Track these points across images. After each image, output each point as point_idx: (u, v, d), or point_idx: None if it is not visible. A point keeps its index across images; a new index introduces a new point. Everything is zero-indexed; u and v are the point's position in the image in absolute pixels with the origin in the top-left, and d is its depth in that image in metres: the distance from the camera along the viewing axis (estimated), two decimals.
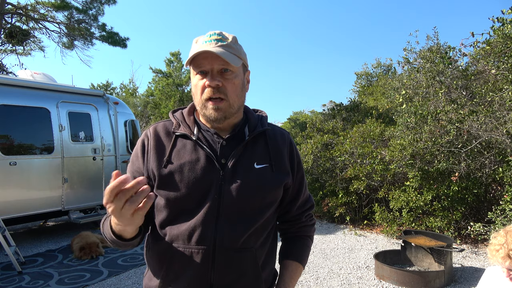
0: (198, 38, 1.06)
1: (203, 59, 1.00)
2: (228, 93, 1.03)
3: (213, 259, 1.01)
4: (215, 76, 1.01)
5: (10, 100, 5.17)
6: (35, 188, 5.37)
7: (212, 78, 1.01)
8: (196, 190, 1.03)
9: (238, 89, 1.06)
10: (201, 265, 1.01)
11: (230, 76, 1.03)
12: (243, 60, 1.07)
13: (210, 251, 1.01)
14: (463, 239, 5.04)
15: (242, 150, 1.08)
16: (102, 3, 12.29)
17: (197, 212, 1.03)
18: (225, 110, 1.04)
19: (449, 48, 5.55)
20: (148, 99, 20.49)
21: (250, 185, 1.05)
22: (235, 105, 1.05)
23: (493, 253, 1.56)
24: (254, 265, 1.06)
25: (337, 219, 6.46)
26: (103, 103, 6.55)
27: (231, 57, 1.01)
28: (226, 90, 1.02)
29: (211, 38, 1.02)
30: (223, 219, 1.02)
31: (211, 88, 1.01)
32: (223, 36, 1.04)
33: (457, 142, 4.77)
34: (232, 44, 1.04)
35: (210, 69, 1.01)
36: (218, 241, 1.01)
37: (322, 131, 7.78)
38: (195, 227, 1.01)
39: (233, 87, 1.04)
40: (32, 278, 4.03)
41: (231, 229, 1.02)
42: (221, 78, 1.02)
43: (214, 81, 1.00)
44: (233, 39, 1.06)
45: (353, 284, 3.82)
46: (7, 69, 12.48)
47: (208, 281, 1.02)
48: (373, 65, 16.62)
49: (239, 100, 1.07)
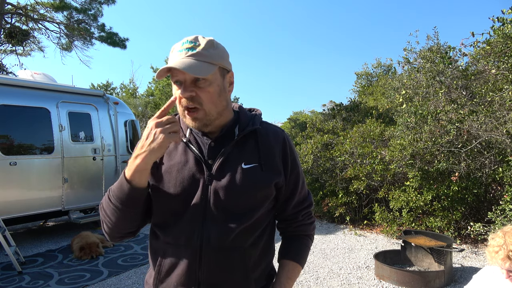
0: (174, 46, 1.05)
1: (174, 70, 1.00)
2: (203, 102, 1.02)
3: (200, 259, 1.03)
4: (187, 87, 1.01)
5: (10, 100, 5.17)
6: (35, 188, 5.37)
7: (185, 89, 1.01)
8: (183, 191, 1.05)
9: (214, 97, 1.04)
10: (189, 264, 1.04)
11: (203, 84, 1.01)
12: (219, 64, 1.04)
13: (198, 251, 1.03)
14: (463, 239, 5.04)
15: (230, 150, 1.09)
16: (101, 3, 12.28)
17: (184, 212, 1.05)
18: (202, 119, 1.04)
19: (449, 48, 5.55)
20: (148, 99, 20.49)
21: (237, 185, 1.05)
22: (212, 112, 1.05)
23: (492, 255, 1.54)
24: (243, 264, 1.07)
25: (337, 219, 6.46)
26: (103, 103, 6.55)
27: (200, 67, 0.99)
28: (200, 99, 1.02)
29: (183, 47, 1.01)
30: (209, 219, 1.04)
31: (185, 99, 1.02)
32: (195, 43, 1.02)
33: (457, 142, 4.77)
34: (204, 51, 1.01)
35: (184, 79, 1.01)
36: (205, 241, 1.03)
37: (322, 131, 7.78)
38: (183, 227, 1.04)
39: (207, 96, 1.02)
40: (32, 278, 4.03)
41: (217, 229, 1.03)
42: (194, 88, 1.01)
43: (186, 92, 1.00)
44: (207, 44, 1.02)
45: (353, 284, 3.82)
46: (7, 69, 12.47)
47: (195, 280, 1.04)
48: (373, 65, 16.62)
49: (216, 107, 1.05)
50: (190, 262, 1.03)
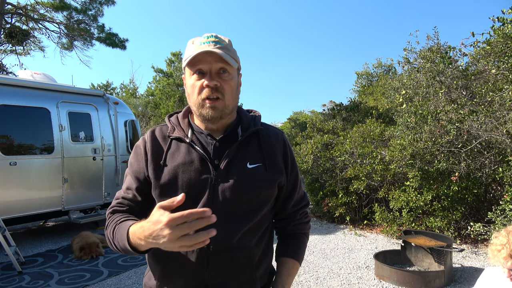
0: (194, 39, 1.08)
1: (202, 59, 1.02)
2: (225, 93, 1.05)
3: (208, 259, 1.03)
4: (213, 76, 1.03)
5: (10, 100, 5.17)
6: (35, 188, 5.37)
7: (211, 78, 1.03)
8: (190, 191, 1.04)
9: (233, 91, 1.08)
10: (196, 265, 1.03)
11: (227, 77, 1.05)
12: (238, 63, 1.10)
13: (205, 251, 1.03)
14: (463, 239, 5.04)
15: (235, 150, 1.10)
16: (101, 4, 12.28)
17: None
18: (221, 109, 1.05)
19: (449, 48, 5.54)
20: (148, 99, 20.48)
21: (243, 185, 1.06)
22: (230, 105, 1.08)
23: (495, 253, 1.55)
24: (249, 263, 1.08)
25: (337, 219, 6.46)
26: (103, 103, 6.55)
27: (230, 58, 1.03)
28: (223, 90, 1.04)
29: (209, 40, 1.04)
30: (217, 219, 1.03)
31: (209, 88, 1.03)
32: (219, 38, 1.06)
33: (457, 142, 4.77)
34: (229, 47, 1.07)
35: (209, 69, 1.03)
36: (212, 241, 1.02)
37: (322, 131, 7.78)
38: None
39: (229, 88, 1.06)
40: (32, 278, 4.03)
41: (225, 229, 1.03)
42: (218, 79, 1.04)
43: (213, 81, 1.02)
44: (229, 42, 1.09)
45: (353, 284, 3.82)
46: (7, 69, 12.47)
47: (202, 280, 1.04)
48: (374, 65, 16.64)
49: (233, 101, 1.09)
50: (197, 262, 1.03)
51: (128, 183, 1.12)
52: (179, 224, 0.77)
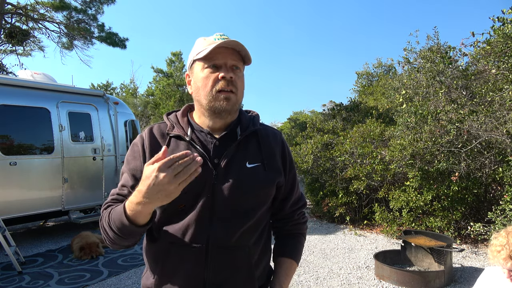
0: (205, 37, 1.09)
1: (218, 53, 1.04)
2: (238, 88, 1.07)
3: (207, 257, 1.03)
4: (229, 70, 1.05)
5: (10, 100, 5.17)
6: (35, 188, 5.37)
7: (228, 71, 1.05)
8: (190, 189, 1.03)
9: (243, 87, 1.11)
10: (195, 263, 1.03)
11: (240, 73, 1.09)
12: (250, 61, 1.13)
13: (204, 250, 1.03)
14: (463, 239, 5.04)
15: (234, 149, 1.10)
16: (101, 3, 12.26)
17: (190, 211, 1.04)
18: (233, 102, 1.07)
19: (449, 48, 5.54)
20: (148, 99, 20.48)
21: (243, 184, 1.06)
22: (239, 100, 1.10)
23: (494, 254, 1.55)
24: (248, 262, 1.08)
25: (337, 219, 6.46)
26: (103, 103, 6.55)
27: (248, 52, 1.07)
28: (237, 85, 1.07)
29: (222, 36, 1.06)
30: (216, 218, 1.04)
31: (225, 81, 1.04)
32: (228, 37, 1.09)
33: (457, 142, 4.77)
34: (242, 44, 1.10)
35: (224, 63, 1.05)
36: (211, 240, 1.03)
37: (322, 131, 7.78)
38: (189, 226, 1.03)
39: (241, 84, 1.09)
40: (32, 278, 4.03)
41: (224, 228, 1.04)
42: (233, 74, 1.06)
43: (230, 73, 1.04)
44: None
45: (353, 284, 3.82)
46: (7, 69, 12.47)
47: (201, 279, 1.04)
48: (374, 65, 16.63)
49: (241, 97, 1.12)
50: (196, 261, 1.03)
51: (124, 181, 1.11)
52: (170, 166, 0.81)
